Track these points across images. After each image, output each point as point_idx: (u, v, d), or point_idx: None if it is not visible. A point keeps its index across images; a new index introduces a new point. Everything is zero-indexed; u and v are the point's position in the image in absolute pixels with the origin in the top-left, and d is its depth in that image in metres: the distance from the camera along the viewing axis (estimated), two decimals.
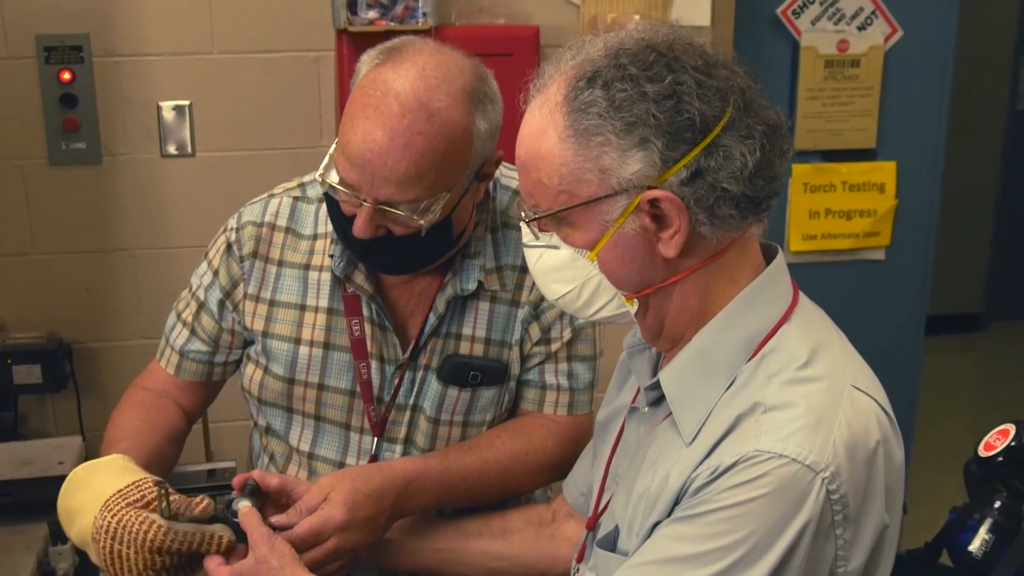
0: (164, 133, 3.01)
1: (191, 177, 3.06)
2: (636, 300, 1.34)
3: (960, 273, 6.19)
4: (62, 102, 2.93)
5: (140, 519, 1.48)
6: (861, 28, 3.51)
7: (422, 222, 1.62)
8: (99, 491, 1.53)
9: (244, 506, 1.56)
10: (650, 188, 1.25)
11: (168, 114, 3.00)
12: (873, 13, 3.50)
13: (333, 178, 1.64)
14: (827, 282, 3.54)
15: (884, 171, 3.64)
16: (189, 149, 3.04)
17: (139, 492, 1.52)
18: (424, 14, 2.92)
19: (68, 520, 1.57)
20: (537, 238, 1.35)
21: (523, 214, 1.35)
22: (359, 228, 1.63)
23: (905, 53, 3.56)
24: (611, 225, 1.28)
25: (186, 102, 3.01)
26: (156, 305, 2.99)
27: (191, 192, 3.06)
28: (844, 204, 3.63)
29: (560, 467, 1.82)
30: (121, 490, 1.52)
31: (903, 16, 3.53)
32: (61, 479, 1.62)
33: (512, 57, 2.98)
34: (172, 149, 3.03)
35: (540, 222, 1.33)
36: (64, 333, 3.07)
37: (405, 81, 1.59)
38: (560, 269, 1.35)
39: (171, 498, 1.52)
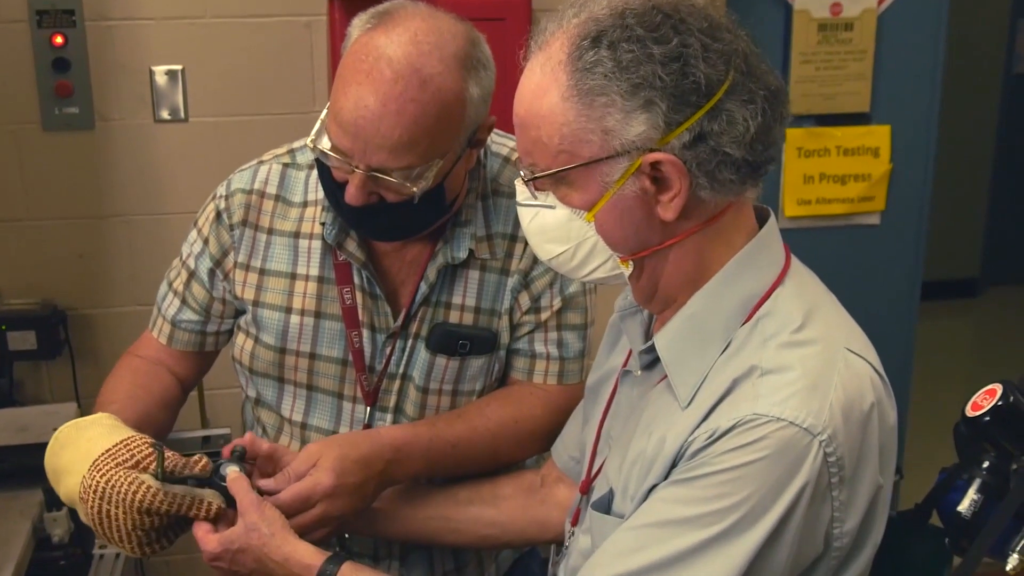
0: (157, 98, 3.01)
1: (184, 142, 3.05)
2: (631, 262, 1.34)
3: (957, 238, 6.19)
4: (55, 67, 2.92)
5: (129, 480, 1.48)
6: None
7: (415, 189, 1.61)
8: (87, 450, 1.53)
9: (233, 471, 1.56)
10: (652, 151, 1.24)
11: (161, 79, 2.99)
12: None
13: (325, 144, 1.62)
14: (822, 247, 3.54)
15: (878, 135, 3.62)
16: (182, 114, 3.03)
17: (128, 452, 1.52)
18: None
19: (56, 478, 1.58)
20: (535, 198, 1.35)
21: (521, 172, 1.35)
22: (351, 195, 1.61)
23: (899, 16, 3.54)
24: (611, 186, 1.27)
25: (179, 67, 3.00)
26: (150, 271, 2.98)
27: (184, 157, 3.05)
28: (838, 169, 3.62)
29: (549, 436, 1.82)
30: (109, 449, 1.52)
31: None
32: None
33: (504, 22, 2.96)
34: (165, 114, 3.02)
35: (537, 181, 1.32)
36: (59, 299, 3.07)
37: (397, 47, 1.56)
38: (555, 229, 1.34)
39: (167, 456, 1.52)
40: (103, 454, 1.51)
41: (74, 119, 2.97)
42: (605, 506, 1.41)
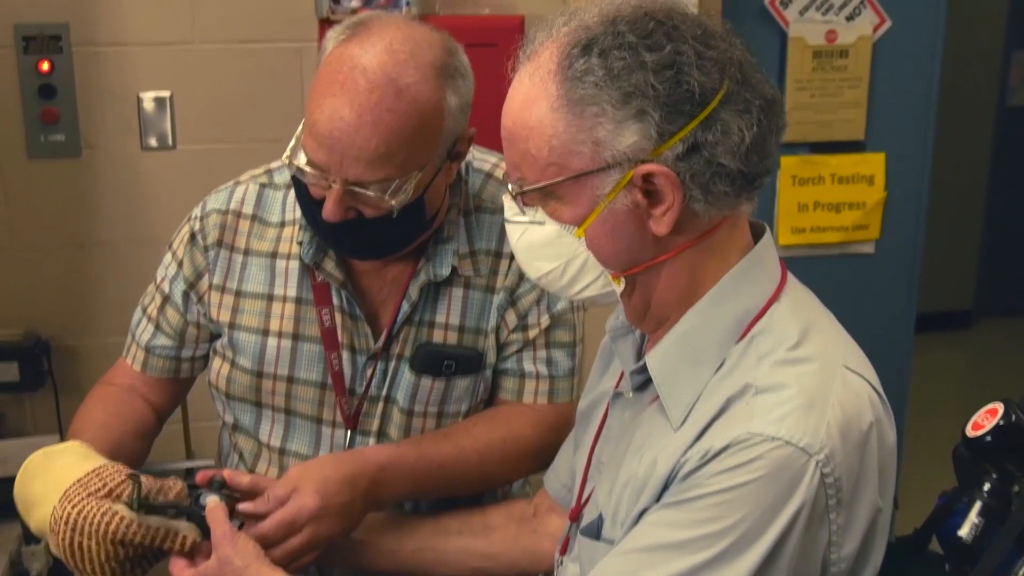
0: (144, 125, 2.97)
1: (172, 170, 3.01)
2: (623, 279, 1.30)
3: (950, 270, 6.17)
4: (41, 93, 2.89)
5: (102, 510, 1.43)
6: (849, 18, 3.48)
7: (393, 202, 1.57)
8: (58, 479, 1.48)
9: (212, 500, 1.51)
10: (644, 162, 1.21)
11: (148, 105, 2.96)
12: (861, 3, 3.46)
13: (300, 159, 1.59)
14: (816, 276, 3.47)
15: (873, 163, 3.60)
16: (170, 142, 3.00)
17: (100, 481, 1.47)
18: (408, 3, 2.88)
19: (26, 509, 1.53)
20: (523, 213, 1.30)
21: (509, 187, 1.31)
22: (328, 211, 1.58)
23: (893, 44, 3.53)
24: (601, 200, 1.23)
25: (167, 93, 2.97)
26: (136, 302, 2.92)
27: (172, 185, 3.00)
28: (833, 197, 3.60)
29: (540, 456, 1.78)
30: (81, 479, 1.47)
31: (891, 6, 3.50)
32: None
33: (496, 47, 2.91)
34: (153, 142, 2.99)
35: (525, 196, 1.28)
36: (42, 330, 3.02)
37: (372, 56, 1.54)
38: (544, 246, 1.30)
39: (143, 481, 1.47)
40: (75, 483, 1.47)
41: (60, 146, 2.93)
42: (594, 532, 1.37)
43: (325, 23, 2.90)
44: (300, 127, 1.61)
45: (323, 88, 1.56)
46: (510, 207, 1.33)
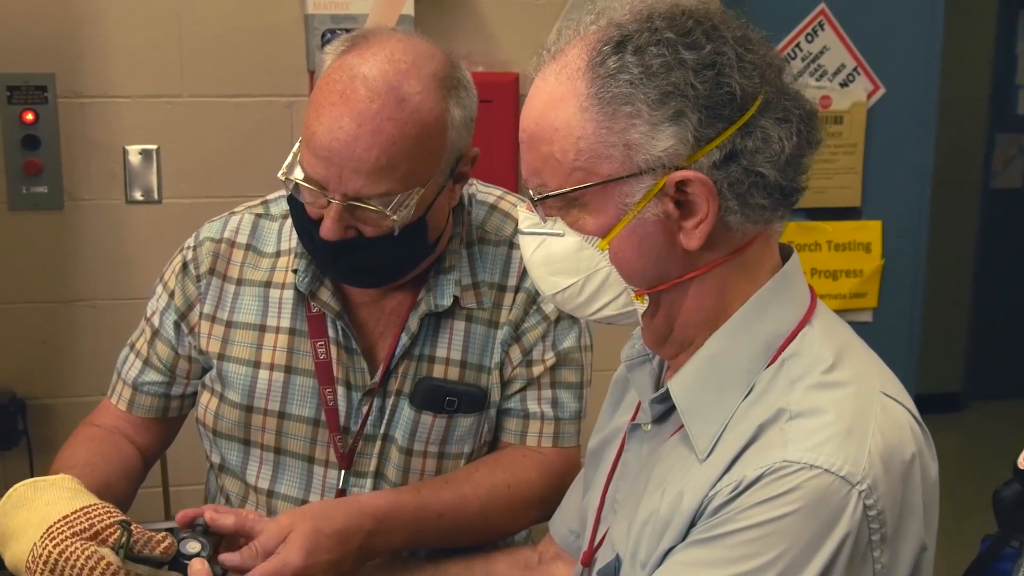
0: (130, 178, 2.90)
1: (157, 225, 2.94)
2: (646, 297, 1.22)
3: (940, 352, 6.11)
4: (24, 144, 2.83)
5: (87, 553, 1.33)
6: (843, 85, 3.48)
7: (395, 218, 1.51)
8: (43, 514, 1.37)
9: (196, 559, 1.40)
10: (679, 168, 1.13)
11: (134, 158, 2.90)
12: (855, 70, 3.46)
13: (297, 175, 1.53)
14: None
15: (869, 230, 3.58)
16: (155, 195, 2.93)
17: (88, 520, 1.37)
18: None
19: (3, 541, 1.41)
20: (544, 222, 1.22)
21: (530, 192, 1.23)
22: (327, 228, 1.51)
23: (888, 111, 3.54)
24: (630, 209, 1.15)
25: (153, 146, 2.91)
26: (116, 360, 2.85)
27: (156, 240, 2.92)
28: (830, 264, 3.57)
29: (545, 504, 1.68)
30: (67, 516, 1.36)
31: (884, 73, 3.50)
32: None
33: (491, 104, 2.91)
34: (138, 195, 2.92)
35: (545, 204, 1.20)
36: (18, 387, 2.93)
37: (373, 65, 1.49)
38: (563, 259, 1.21)
39: (132, 529, 1.37)
40: (59, 520, 1.36)
41: (42, 198, 2.86)
42: (611, 574, 1.27)
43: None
44: (297, 144, 1.55)
45: (321, 99, 1.50)
46: (526, 217, 1.25)
